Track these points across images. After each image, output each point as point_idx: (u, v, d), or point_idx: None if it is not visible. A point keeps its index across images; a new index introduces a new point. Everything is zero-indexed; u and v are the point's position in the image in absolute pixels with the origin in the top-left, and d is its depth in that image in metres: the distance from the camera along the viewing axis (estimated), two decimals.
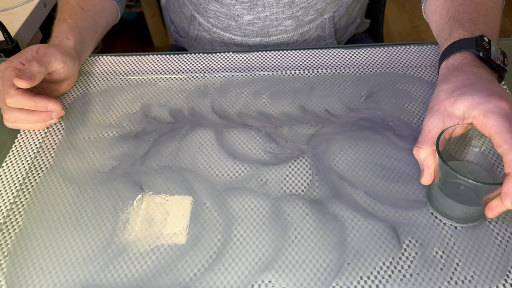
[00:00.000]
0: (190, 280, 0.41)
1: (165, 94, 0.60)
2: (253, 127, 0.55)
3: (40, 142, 0.55)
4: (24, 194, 0.50)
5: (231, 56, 0.65)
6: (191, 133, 0.55)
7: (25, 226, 0.46)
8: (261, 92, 0.59)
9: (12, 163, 0.53)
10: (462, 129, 0.43)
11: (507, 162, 0.37)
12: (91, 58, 0.67)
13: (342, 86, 0.59)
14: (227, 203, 0.47)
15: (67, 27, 0.63)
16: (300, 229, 0.44)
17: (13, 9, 0.89)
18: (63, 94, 0.62)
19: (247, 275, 0.41)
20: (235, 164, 0.51)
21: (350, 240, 0.43)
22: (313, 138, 0.53)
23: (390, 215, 0.45)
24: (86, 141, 0.55)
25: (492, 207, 0.39)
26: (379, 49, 0.64)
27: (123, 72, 0.64)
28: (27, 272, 0.43)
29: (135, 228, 0.46)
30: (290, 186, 0.48)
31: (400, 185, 0.48)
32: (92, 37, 0.66)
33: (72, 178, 0.51)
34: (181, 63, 0.65)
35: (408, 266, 0.41)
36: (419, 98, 0.57)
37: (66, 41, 0.61)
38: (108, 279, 0.42)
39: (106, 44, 1.89)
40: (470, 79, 0.45)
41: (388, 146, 0.51)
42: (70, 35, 0.62)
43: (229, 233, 0.45)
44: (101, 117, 0.58)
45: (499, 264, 0.41)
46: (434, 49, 0.63)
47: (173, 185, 0.49)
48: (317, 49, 0.65)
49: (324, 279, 0.41)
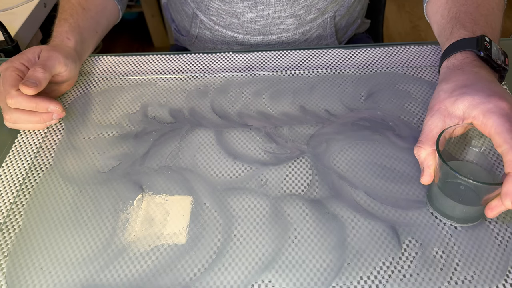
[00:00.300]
0: (190, 280, 0.41)
1: (165, 94, 0.60)
2: (253, 127, 0.55)
3: (40, 142, 0.55)
4: (24, 194, 0.50)
5: (231, 56, 0.65)
6: (191, 133, 0.55)
7: (25, 226, 0.46)
8: (261, 92, 0.59)
9: (12, 163, 0.53)
10: (462, 129, 0.43)
11: (507, 162, 0.37)
12: (91, 58, 0.67)
13: (342, 86, 0.59)
14: (227, 203, 0.47)
15: (68, 27, 0.63)
16: (300, 229, 0.44)
17: (13, 9, 0.89)
18: (63, 94, 0.62)
19: (247, 275, 0.41)
20: (235, 164, 0.51)
21: (350, 240, 0.43)
22: (313, 138, 0.53)
23: (390, 215, 0.45)
24: (86, 141, 0.55)
25: (492, 207, 0.39)
26: (379, 49, 0.64)
27: (123, 72, 0.64)
28: (27, 272, 0.43)
29: (135, 228, 0.46)
30: (290, 186, 0.48)
31: (400, 185, 0.48)
32: (93, 37, 0.66)
33: (72, 178, 0.51)
34: (181, 63, 0.65)
35: (408, 266, 0.41)
36: (419, 98, 0.57)
37: (67, 41, 0.61)
38: (108, 279, 0.42)
39: (106, 44, 1.89)
40: (471, 79, 0.45)
41: (388, 146, 0.51)
42: (71, 35, 0.62)
43: (229, 233, 0.45)
44: (101, 117, 0.58)
45: (499, 264, 0.41)
46: (434, 49, 0.63)
47: (173, 185, 0.49)
48: (317, 49, 0.65)
49: (324, 279, 0.41)
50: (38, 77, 0.53)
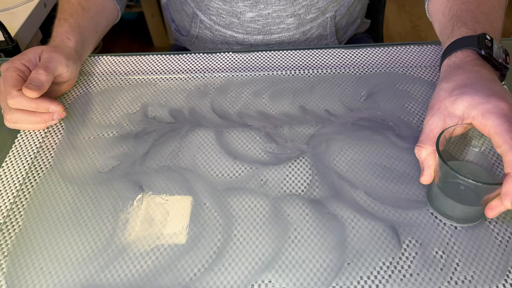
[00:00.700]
0: (190, 280, 0.41)
1: (165, 94, 0.60)
2: (253, 127, 0.55)
3: (40, 142, 0.55)
4: (24, 194, 0.50)
5: (231, 56, 0.65)
6: (191, 133, 0.55)
7: (25, 226, 0.46)
8: (261, 92, 0.59)
9: (12, 163, 0.53)
10: (462, 129, 0.43)
11: (507, 162, 0.37)
12: (91, 58, 0.67)
13: (342, 86, 0.59)
14: (227, 203, 0.47)
15: (68, 27, 0.63)
16: (300, 229, 0.44)
17: (13, 9, 0.89)
18: (63, 94, 0.62)
19: (247, 275, 0.41)
20: (235, 164, 0.51)
21: (350, 240, 0.43)
22: (313, 138, 0.53)
23: (390, 215, 0.45)
24: (86, 141, 0.55)
25: (492, 207, 0.39)
26: (379, 49, 0.64)
27: (123, 72, 0.64)
28: (27, 272, 0.43)
29: (135, 228, 0.46)
30: (290, 186, 0.48)
31: (400, 185, 0.48)
32: (93, 37, 0.66)
33: (72, 178, 0.51)
34: (181, 63, 0.65)
35: (408, 266, 0.41)
36: (419, 98, 0.57)
37: (67, 41, 0.61)
38: (108, 279, 0.42)
39: (106, 44, 1.89)
40: (471, 78, 0.45)
41: (388, 146, 0.51)
42: (71, 35, 0.62)
43: (229, 233, 0.45)
44: (101, 117, 0.58)
45: (499, 264, 0.41)
46: (434, 49, 0.63)
47: (173, 185, 0.49)
48: (317, 49, 0.65)
49: (324, 279, 0.41)
50: (41, 79, 0.53)
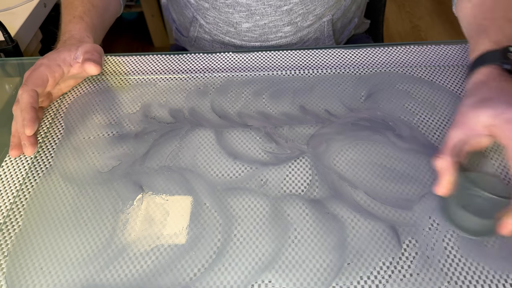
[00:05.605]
0: (190, 280, 0.41)
1: (165, 94, 0.60)
2: (253, 127, 0.55)
3: (40, 142, 0.55)
4: (24, 194, 0.50)
5: (231, 56, 0.65)
6: (191, 133, 0.55)
7: (25, 226, 0.46)
8: (261, 92, 0.59)
9: (12, 163, 0.53)
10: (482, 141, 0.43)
11: None
12: None
13: (342, 86, 0.59)
14: (227, 203, 0.47)
15: (85, 25, 0.63)
16: (300, 229, 0.44)
17: (13, 9, 0.89)
18: (63, 94, 0.62)
19: (247, 275, 0.41)
20: (235, 164, 0.51)
21: (350, 240, 0.43)
22: (313, 138, 0.53)
23: (390, 215, 0.45)
24: (86, 141, 0.55)
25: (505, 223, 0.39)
26: (379, 49, 0.64)
27: (123, 72, 0.64)
28: (27, 272, 0.43)
29: (135, 228, 0.46)
30: (290, 186, 0.48)
31: (400, 185, 0.48)
32: (102, 35, 0.68)
33: (72, 178, 0.51)
34: (181, 63, 0.65)
35: (408, 266, 0.41)
36: (419, 98, 0.57)
37: (88, 39, 0.62)
38: (108, 279, 0.42)
39: (106, 44, 1.87)
40: (495, 92, 0.45)
41: (388, 146, 0.51)
42: (90, 34, 0.63)
43: (229, 233, 0.45)
44: (101, 117, 0.58)
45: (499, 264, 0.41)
46: (434, 49, 0.63)
47: (173, 185, 0.49)
48: (317, 49, 0.65)
49: (324, 279, 0.41)
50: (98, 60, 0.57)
